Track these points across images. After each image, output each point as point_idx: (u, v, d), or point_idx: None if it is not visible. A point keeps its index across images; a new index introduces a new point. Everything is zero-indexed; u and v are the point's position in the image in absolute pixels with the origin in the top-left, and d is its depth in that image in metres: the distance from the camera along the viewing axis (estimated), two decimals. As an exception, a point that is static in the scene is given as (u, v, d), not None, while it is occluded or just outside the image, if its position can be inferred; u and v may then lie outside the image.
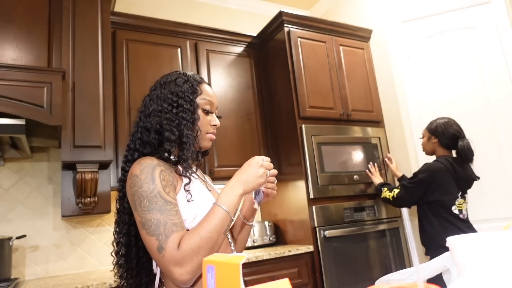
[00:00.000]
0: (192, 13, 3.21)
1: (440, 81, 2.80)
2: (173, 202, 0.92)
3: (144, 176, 0.92)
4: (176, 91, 1.04)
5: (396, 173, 2.70)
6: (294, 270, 2.30)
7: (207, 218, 0.89)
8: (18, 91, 1.83)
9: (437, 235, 2.06)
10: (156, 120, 1.02)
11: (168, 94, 1.04)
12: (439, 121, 2.23)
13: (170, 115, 1.02)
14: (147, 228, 0.88)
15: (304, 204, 2.48)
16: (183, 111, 1.02)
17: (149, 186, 0.91)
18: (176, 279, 0.85)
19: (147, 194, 0.90)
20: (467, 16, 2.81)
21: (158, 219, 0.87)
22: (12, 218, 2.19)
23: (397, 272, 0.82)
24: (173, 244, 0.85)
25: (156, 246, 0.86)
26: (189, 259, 0.84)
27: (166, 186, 0.93)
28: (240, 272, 0.44)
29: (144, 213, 0.89)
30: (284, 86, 2.71)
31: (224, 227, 0.89)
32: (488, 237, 0.58)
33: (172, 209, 0.90)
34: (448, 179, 2.10)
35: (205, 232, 0.87)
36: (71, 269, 2.28)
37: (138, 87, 2.40)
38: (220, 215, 0.89)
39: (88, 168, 2.03)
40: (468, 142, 2.13)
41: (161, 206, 0.89)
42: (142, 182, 0.91)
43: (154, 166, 0.94)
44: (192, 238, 0.86)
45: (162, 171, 0.95)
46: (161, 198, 0.90)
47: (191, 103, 1.04)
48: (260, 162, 0.98)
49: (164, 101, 1.03)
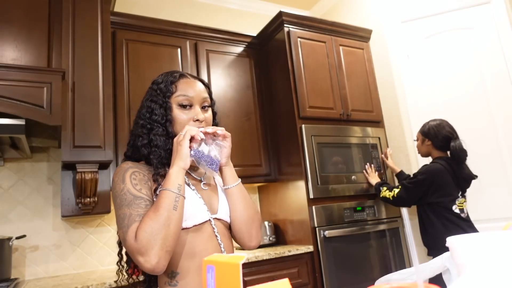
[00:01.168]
0: (192, 13, 3.21)
1: (440, 81, 2.80)
2: (143, 197, 0.95)
3: (117, 178, 0.98)
4: (151, 95, 1.07)
5: (394, 168, 2.70)
6: (294, 270, 2.30)
7: (154, 203, 0.92)
8: (18, 91, 1.83)
9: (440, 236, 2.06)
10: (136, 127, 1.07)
11: (145, 101, 1.08)
12: (432, 123, 2.25)
13: (144, 121, 1.05)
14: (118, 223, 0.93)
15: (304, 204, 2.48)
16: (155, 114, 1.04)
17: (119, 185, 0.96)
18: (144, 268, 0.86)
19: (118, 193, 0.95)
20: (467, 16, 2.81)
21: (125, 213, 0.92)
22: (12, 218, 2.19)
23: (397, 272, 0.82)
24: (132, 233, 0.88)
25: (122, 238, 0.91)
26: (146, 243, 0.85)
27: (137, 184, 0.97)
28: (240, 272, 0.44)
29: (116, 210, 0.95)
30: (284, 86, 2.71)
31: (171, 203, 0.90)
32: (488, 237, 0.58)
33: (141, 203, 0.93)
34: (447, 180, 2.11)
35: (153, 213, 0.88)
36: (71, 269, 2.28)
37: (138, 87, 2.40)
38: (163, 195, 0.91)
39: (88, 168, 2.02)
40: (460, 142, 2.14)
41: (130, 201, 0.93)
42: (115, 184, 0.97)
43: (126, 169, 0.99)
44: (144, 222, 0.88)
45: (134, 172, 0.99)
46: (130, 194, 0.94)
47: (163, 104, 1.04)
48: (175, 140, 0.99)
49: (142, 108, 1.08)
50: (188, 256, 0.97)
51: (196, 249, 0.98)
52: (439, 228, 2.09)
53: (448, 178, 2.11)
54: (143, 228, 0.87)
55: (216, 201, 1.09)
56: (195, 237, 0.99)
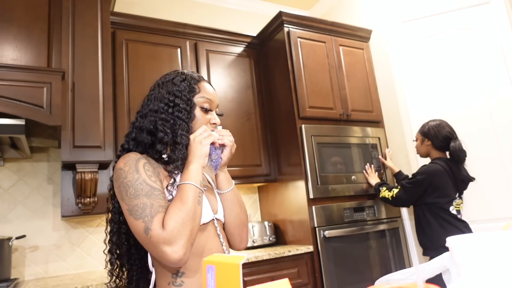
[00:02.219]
0: (192, 13, 3.21)
1: (439, 81, 2.80)
2: (159, 188, 0.92)
3: (128, 167, 0.93)
4: (173, 90, 1.04)
5: (393, 168, 2.70)
6: (294, 270, 2.30)
7: (178, 195, 0.91)
8: (17, 91, 1.83)
9: (437, 236, 2.07)
10: (150, 120, 1.02)
11: (165, 94, 1.04)
12: (431, 123, 2.25)
13: (166, 115, 1.01)
14: (134, 212, 0.88)
15: (304, 204, 2.48)
16: (179, 111, 1.01)
17: (133, 175, 0.92)
18: (170, 259, 0.84)
19: (132, 183, 0.91)
20: (466, 16, 2.81)
21: (145, 203, 0.88)
22: (11, 218, 2.19)
23: (397, 272, 0.82)
24: (159, 223, 0.85)
25: (142, 228, 0.86)
26: (176, 233, 0.84)
27: (152, 176, 0.93)
28: (240, 272, 0.44)
29: (131, 200, 0.89)
30: (284, 86, 2.71)
31: (196, 197, 0.91)
32: (488, 237, 0.58)
33: (159, 194, 0.91)
34: (446, 181, 2.11)
35: (182, 205, 0.88)
36: (71, 269, 2.28)
37: (138, 87, 2.40)
38: (189, 188, 0.91)
39: (87, 168, 2.02)
40: (460, 143, 2.14)
41: (147, 191, 0.90)
42: (126, 173, 0.92)
43: (137, 159, 0.95)
44: (173, 213, 0.87)
45: (146, 163, 0.96)
46: (146, 184, 0.91)
47: (187, 102, 1.03)
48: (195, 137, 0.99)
49: (161, 101, 1.03)
50: (194, 255, 0.95)
51: (201, 249, 0.97)
52: (436, 228, 2.10)
53: (447, 179, 2.12)
54: (173, 217, 0.86)
55: (215, 201, 1.09)
56: (201, 236, 0.98)
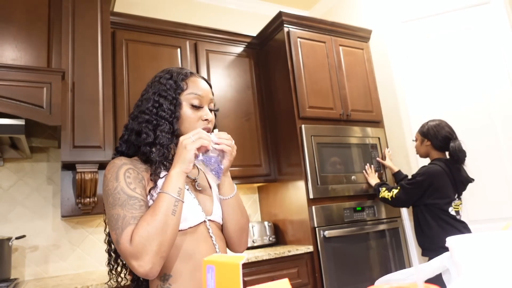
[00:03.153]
0: (192, 13, 3.21)
1: (439, 81, 2.80)
2: (138, 197, 0.91)
3: (110, 175, 0.94)
4: (159, 90, 1.02)
5: (392, 167, 2.70)
6: (293, 270, 2.30)
7: (151, 206, 0.89)
8: (17, 91, 1.83)
9: (437, 237, 2.07)
10: (139, 121, 1.01)
11: (151, 95, 1.03)
12: (431, 123, 2.25)
13: (149, 116, 1.00)
14: (109, 223, 0.90)
15: (303, 204, 2.48)
16: (163, 110, 1.00)
17: (113, 184, 0.92)
18: (138, 272, 0.85)
19: (111, 192, 0.91)
20: (466, 16, 2.81)
21: (119, 214, 0.88)
22: (11, 219, 2.19)
23: (397, 272, 0.82)
24: (127, 236, 0.85)
25: (115, 240, 0.88)
26: (142, 248, 0.83)
27: (131, 183, 0.93)
28: (240, 272, 0.44)
29: (109, 209, 0.91)
30: (284, 86, 2.71)
31: (170, 208, 0.87)
32: (488, 237, 0.58)
33: (135, 204, 0.90)
34: (445, 182, 2.11)
35: (151, 217, 0.86)
36: (71, 269, 2.28)
37: (138, 88, 2.40)
38: (163, 198, 0.88)
39: (87, 168, 2.02)
40: (459, 143, 2.14)
41: (123, 201, 0.89)
42: (108, 181, 0.93)
43: (120, 165, 0.95)
44: (140, 226, 0.86)
45: (129, 169, 0.95)
46: (124, 193, 0.90)
47: (172, 101, 1.01)
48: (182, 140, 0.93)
49: (148, 102, 1.02)
50: (183, 259, 0.94)
51: (190, 252, 0.96)
52: (435, 229, 2.09)
53: (446, 180, 2.11)
54: (139, 232, 0.85)
55: (211, 202, 1.06)
56: (189, 239, 0.97)
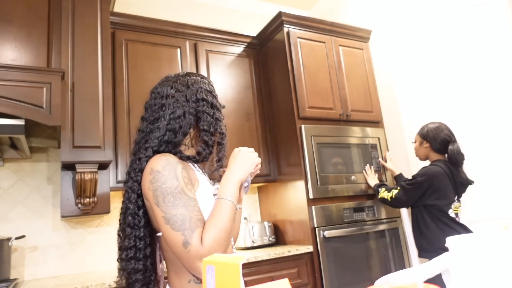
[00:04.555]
0: (192, 14, 3.20)
1: (439, 81, 2.80)
2: (195, 199, 0.95)
3: (168, 172, 0.94)
4: (210, 90, 1.10)
5: (393, 170, 2.70)
6: (293, 270, 2.30)
7: (217, 210, 0.93)
8: (17, 91, 1.83)
9: (436, 238, 2.07)
10: (187, 121, 1.05)
11: (203, 95, 1.08)
12: (430, 125, 2.25)
13: (207, 115, 1.06)
14: (173, 223, 0.89)
15: (303, 204, 2.48)
16: (218, 111, 1.09)
17: (173, 182, 0.93)
18: (199, 273, 0.88)
19: (171, 190, 0.92)
20: (466, 16, 2.81)
21: (184, 215, 0.90)
22: (11, 219, 2.18)
23: (397, 272, 0.82)
24: (198, 239, 0.88)
25: (181, 241, 0.88)
26: (213, 251, 0.88)
27: (188, 184, 0.96)
28: (240, 273, 0.44)
29: (169, 209, 0.91)
30: (284, 86, 2.71)
31: (233, 216, 0.94)
32: (487, 237, 0.58)
33: (195, 205, 0.93)
34: (446, 183, 2.11)
35: (221, 223, 0.91)
36: (71, 269, 2.27)
37: (138, 88, 2.40)
38: (227, 205, 0.94)
39: (87, 168, 2.02)
40: (458, 146, 2.14)
41: (185, 202, 0.92)
42: (165, 178, 0.93)
43: (176, 163, 0.96)
44: (212, 231, 0.89)
45: (183, 169, 0.97)
46: (184, 194, 0.92)
47: (220, 104, 1.11)
48: (247, 151, 1.04)
49: (198, 102, 1.07)
50: None
51: None
52: (434, 230, 2.09)
53: (447, 181, 2.11)
54: (212, 236, 0.89)
55: None
56: None
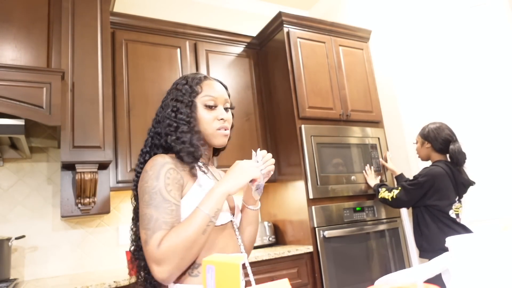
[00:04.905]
0: (192, 14, 3.20)
1: (439, 81, 2.80)
2: (171, 201, 0.95)
3: (152, 172, 0.98)
4: (176, 96, 1.10)
5: (394, 170, 2.69)
6: (293, 270, 2.30)
7: (187, 219, 0.93)
8: (17, 91, 1.83)
9: (436, 238, 2.07)
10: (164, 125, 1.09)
11: (169, 101, 1.10)
12: (431, 126, 2.25)
13: (170, 120, 1.07)
14: (142, 221, 0.95)
15: (303, 204, 2.48)
16: (180, 113, 1.07)
17: (152, 182, 0.96)
18: (155, 276, 0.90)
19: (149, 190, 0.96)
20: (466, 16, 2.81)
21: (152, 215, 0.93)
22: (11, 219, 2.18)
23: (397, 273, 0.82)
24: (156, 241, 0.90)
25: (143, 239, 0.93)
26: (166, 257, 0.88)
27: (169, 185, 0.97)
28: (240, 273, 0.44)
29: (143, 207, 0.96)
30: (284, 86, 2.71)
31: (203, 228, 0.92)
32: (487, 237, 0.58)
33: (168, 208, 0.94)
34: (447, 183, 2.11)
35: (183, 232, 0.90)
36: (70, 269, 2.27)
37: (138, 88, 2.40)
38: (199, 216, 0.92)
39: (87, 168, 2.02)
40: (459, 146, 2.15)
41: (158, 203, 0.94)
42: (148, 178, 0.97)
43: (163, 164, 0.99)
44: (170, 237, 0.90)
45: (170, 169, 0.99)
46: (160, 195, 0.94)
47: (188, 103, 1.08)
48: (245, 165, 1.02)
49: (168, 107, 1.10)
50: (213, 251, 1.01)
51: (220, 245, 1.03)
52: (434, 231, 2.09)
53: (448, 182, 2.12)
54: (169, 242, 0.89)
55: (232, 204, 1.15)
56: (220, 235, 1.04)
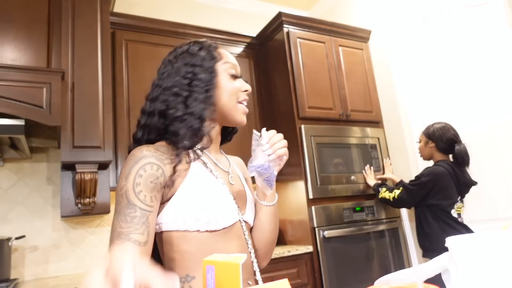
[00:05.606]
0: (192, 14, 3.20)
1: (439, 81, 2.80)
2: (136, 205, 0.76)
3: (124, 169, 0.81)
4: (192, 61, 0.91)
5: (394, 179, 2.67)
6: (293, 270, 2.30)
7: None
8: (17, 91, 1.83)
9: (438, 238, 2.07)
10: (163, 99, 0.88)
11: (182, 66, 0.90)
12: (436, 125, 2.25)
13: (179, 88, 0.87)
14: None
15: (303, 204, 2.48)
16: (199, 80, 0.88)
17: (121, 182, 0.80)
18: None
19: (117, 191, 0.80)
20: (466, 17, 2.81)
21: (113, 222, 0.77)
22: (11, 219, 2.18)
23: (397, 272, 0.82)
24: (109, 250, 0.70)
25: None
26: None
27: (140, 184, 0.78)
28: (240, 272, 0.44)
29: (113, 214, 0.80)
30: (284, 86, 2.71)
31: None
32: (487, 237, 0.58)
33: (129, 214, 0.75)
34: (450, 183, 2.11)
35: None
36: (71, 269, 2.27)
37: (138, 88, 2.40)
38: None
39: (87, 168, 2.02)
40: (464, 146, 2.15)
41: (121, 208, 0.77)
42: (120, 177, 0.81)
43: (137, 159, 0.80)
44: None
45: (146, 164, 0.80)
46: (125, 198, 0.77)
47: (208, 69, 0.90)
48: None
49: (177, 75, 0.89)
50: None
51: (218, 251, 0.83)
52: (436, 230, 2.10)
53: (451, 181, 2.12)
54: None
55: (244, 199, 0.96)
56: (221, 240, 0.85)
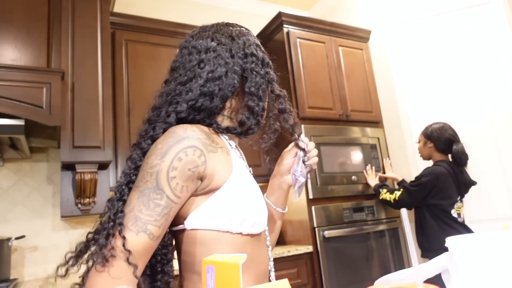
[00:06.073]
0: (192, 14, 3.21)
1: (439, 81, 2.80)
2: (165, 192, 0.66)
3: (161, 146, 0.68)
4: (259, 44, 0.86)
5: (396, 177, 2.68)
6: (293, 270, 2.30)
7: None
8: (17, 91, 1.83)
9: (437, 238, 2.07)
10: (230, 82, 0.78)
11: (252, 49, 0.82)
12: (434, 126, 2.26)
13: (256, 74, 0.81)
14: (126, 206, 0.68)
15: (303, 204, 2.48)
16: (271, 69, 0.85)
17: (154, 159, 0.67)
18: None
19: (146, 167, 0.68)
20: (466, 17, 2.81)
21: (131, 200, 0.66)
22: (11, 219, 2.18)
23: (396, 273, 0.82)
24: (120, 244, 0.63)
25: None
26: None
27: (176, 169, 0.66)
28: (240, 273, 0.44)
29: (133, 189, 0.68)
30: (283, 86, 2.67)
31: None
32: (487, 237, 0.58)
33: (153, 199, 0.65)
34: (450, 183, 2.12)
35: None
36: (71, 269, 2.27)
37: (138, 88, 2.40)
38: None
39: (87, 168, 2.02)
40: (462, 146, 2.15)
41: (146, 189, 0.66)
42: (152, 153, 0.69)
43: (181, 138, 0.68)
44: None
45: (189, 147, 0.68)
46: (155, 179, 0.66)
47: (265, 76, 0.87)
48: None
49: (245, 58, 0.81)
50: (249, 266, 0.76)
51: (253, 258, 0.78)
52: (436, 230, 2.10)
53: (450, 182, 2.12)
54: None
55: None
56: (258, 246, 0.81)
